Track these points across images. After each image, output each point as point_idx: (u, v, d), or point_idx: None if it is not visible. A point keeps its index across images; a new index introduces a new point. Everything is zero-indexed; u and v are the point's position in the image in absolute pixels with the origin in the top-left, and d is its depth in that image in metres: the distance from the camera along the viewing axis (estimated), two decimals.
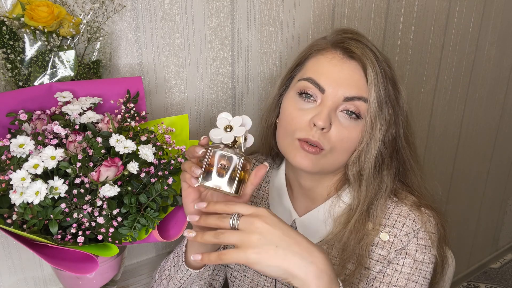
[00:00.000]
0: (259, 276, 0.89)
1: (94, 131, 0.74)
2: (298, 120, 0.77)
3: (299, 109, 0.78)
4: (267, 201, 0.92)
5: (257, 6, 1.08)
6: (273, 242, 0.61)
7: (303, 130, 0.76)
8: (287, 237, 0.62)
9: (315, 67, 0.79)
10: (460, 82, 1.74)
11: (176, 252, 0.83)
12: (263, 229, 0.61)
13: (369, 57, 0.76)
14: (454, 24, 1.58)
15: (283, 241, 0.61)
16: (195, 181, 0.68)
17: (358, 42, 0.78)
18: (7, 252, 0.93)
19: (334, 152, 0.77)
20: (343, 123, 0.76)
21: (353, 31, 0.82)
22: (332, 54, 0.78)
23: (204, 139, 0.71)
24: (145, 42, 0.95)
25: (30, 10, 0.75)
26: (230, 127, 0.70)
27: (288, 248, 0.61)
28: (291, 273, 0.61)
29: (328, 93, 0.76)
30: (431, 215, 0.82)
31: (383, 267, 0.79)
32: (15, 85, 0.79)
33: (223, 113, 0.71)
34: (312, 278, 0.61)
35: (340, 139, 0.76)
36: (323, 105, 0.76)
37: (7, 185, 0.66)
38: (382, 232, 0.80)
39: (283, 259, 0.60)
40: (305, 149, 0.76)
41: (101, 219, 0.68)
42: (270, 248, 0.61)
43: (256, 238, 0.61)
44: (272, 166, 0.95)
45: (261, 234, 0.61)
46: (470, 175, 2.03)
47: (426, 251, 0.79)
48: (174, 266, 0.81)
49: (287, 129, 0.79)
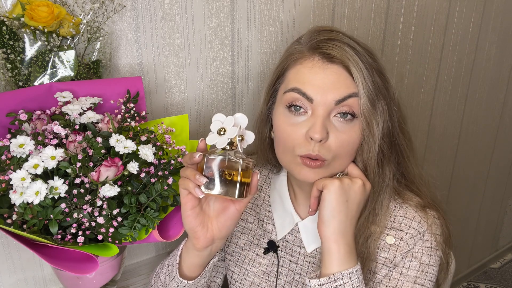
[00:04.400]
0: (260, 279, 0.89)
1: (94, 131, 0.74)
2: (293, 137, 0.75)
3: (291, 125, 0.75)
4: (268, 203, 0.91)
5: (257, 6, 1.08)
6: None
7: (302, 146, 0.74)
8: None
9: (297, 77, 0.76)
10: (460, 82, 1.74)
11: (171, 260, 0.81)
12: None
13: (349, 55, 0.73)
14: (454, 24, 1.58)
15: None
16: (200, 192, 0.65)
17: (335, 42, 0.75)
18: (7, 252, 0.93)
19: (338, 159, 0.76)
20: (339, 128, 0.74)
21: (326, 30, 0.78)
22: (311, 62, 0.75)
23: (202, 142, 0.69)
24: (145, 42, 0.95)
25: (30, 10, 0.75)
26: (223, 129, 0.66)
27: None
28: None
29: (317, 101, 0.73)
30: (436, 216, 0.81)
31: (389, 271, 0.79)
32: (15, 85, 0.79)
33: (216, 115, 0.68)
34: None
35: (340, 145, 0.74)
36: (315, 115, 0.73)
37: (7, 185, 0.66)
38: (388, 235, 0.80)
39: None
40: (308, 164, 0.74)
41: (101, 219, 0.68)
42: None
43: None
44: (272, 171, 0.94)
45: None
46: (470, 175, 2.03)
47: (432, 253, 0.78)
48: (169, 274, 0.80)
49: (286, 146, 0.77)
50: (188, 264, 0.77)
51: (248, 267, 0.90)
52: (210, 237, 0.73)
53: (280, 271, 0.88)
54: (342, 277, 0.71)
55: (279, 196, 0.89)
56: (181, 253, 0.78)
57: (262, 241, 0.90)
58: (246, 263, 0.91)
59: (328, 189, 0.73)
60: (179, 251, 0.79)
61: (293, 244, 0.87)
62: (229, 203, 0.72)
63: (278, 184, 0.90)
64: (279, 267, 0.88)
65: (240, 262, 0.91)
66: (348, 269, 0.71)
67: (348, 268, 0.71)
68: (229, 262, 0.93)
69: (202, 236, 0.72)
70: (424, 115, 1.66)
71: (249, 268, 0.90)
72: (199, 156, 0.66)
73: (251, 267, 0.90)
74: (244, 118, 0.68)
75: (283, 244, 0.88)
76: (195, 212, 0.70)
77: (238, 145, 0.67)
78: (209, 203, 0.73)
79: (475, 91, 1.83)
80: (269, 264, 0.89)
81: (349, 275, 0.71)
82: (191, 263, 0.77)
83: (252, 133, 0.69)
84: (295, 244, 0.87)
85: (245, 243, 0.91)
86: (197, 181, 0.65)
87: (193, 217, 0.70)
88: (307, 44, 0.77)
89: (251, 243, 0.91)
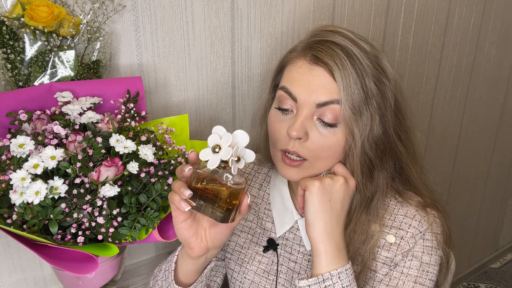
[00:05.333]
0: (260, 278, 0.89)
1: (94, 131, 0.74)
2: (277, 133, 0.77)
3: (278, 121, 0.78)
4: (268, 201, 0.92)
5: (257, 6, 1.08)
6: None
7: (282, 141, 0.76)
8: None
9: (288, 76, 0.78)
10: (460, 82, 1.74)
11: (167, 265, 0.80)
12: None
13: (337, 59, 0.72)
14: (454, 24, 1.58)
15: None
16: (185, 205, 0.63)
17: (329, 44, 0.74)
18: (7, 252, 0.93)
19: (319, 160, 0.76)
20: (321, 131, 0.75)
21: (327, 30, 0.78)
22: (301, 62, 0.76)
23: (192, 153, 0.67)
24: (145, 42, 0.95)
25: (30, 10, 0.75)
26: (218, 147, 0.62)
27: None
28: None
29: (301, 101, 0.74)
30: (437, 216, 0.81)
31: (390, 270, 0.79)
32: (15, 85, 0.79)
33: (216, 127, 0.63)
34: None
35: (320, 147, 0.75)
36: (298, 114, 0.75)
37: (7, 185, 0.66)
38: (389, 234, 0.80)
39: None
40: (287, 163, 0.76)
41: (101, 219, 0.68)
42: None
43: None
44: (272, 167, 0.95)
45: None
46: (470, 175, 2.03)
47: (433, 252, 0.79)
48: (165, 280, 0.80)
49: (272, 141, 0.80)
50: (184, 271, 0.77)
51: (248, 266, 0.90)
52: (204, 247, 0.71)
53: (280, 270, 0.88)
54: (331, 277, 0.71)
55: (279, 193, 0.90)
56: (176, 259, 0.78)
57: (261, 240, 0.90)
58: (246, 261, 0.91)
59: (309, 190, 0.73)
60: (174, 257, 0.78)
61: (292, 242, 0.87)
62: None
63: (278, 182, 0.91)
64: (279, 266, 0.88)
65: (240, 260, 0.92)
66: (337, 268, 0.71)
67: (337, 268, 0.71)
68: (229, 261, 0.93)
69: (196, 246, 0.71)
70: (424, 115, 1.66)
71: (249, 266, 0.90)
72: (188, 171, 0.65)
73: (251, 265, 0.90)
74: (244, 136, 0.64)
75: (283, 242, 0.88)
76: (187, 224, 0.69)
77: (231, 167, 0.62)
78: (204, 221, 0.71)
79: (475, 91, 1.83)
80: (269, 262, 0.89)
81: (338, 275, 0.71)
82: (187, 270, 0.77)
83: (252, 153, 0.66)
84: (295, 242, 0.87)
85: (245, 241, 0.92)
86: (181, 195, 0.63)
87: (185, 229, 0.69)
88: (304, 43, 0.79)
89: (251, 242, 0.91)
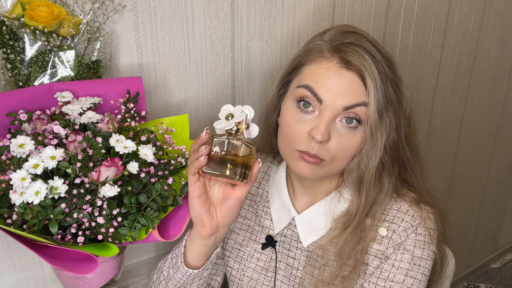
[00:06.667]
0: (258, 275, 0.90)
1: (94, 131, 0.74)
2: (297, 133, 0.76)
3: (297, 121, 0.77)
4: (266, 199, 0.92)
5: (257, 6, 1.08)
6: None
7: (302, 143, 0.76)
8: None
9: (312, 76, 0.76)
10: (460, 82, 1.74)
11: (174, 253, 0.82)
12: None
13: (367, 64, 0.73)
14: (454, 24, 1.58)
15: None
16: (204, 158, 0.67)
17: (356, 48, 0.75)
18: (7, 252, 0.93)
19: (335, 161, 0.77)
20: (342, 133, 0.75)
21: (351, 31, 0.78)
22: (328, 64, 0.75)
23: (207, 130, 0.70)
24: (145, 42, 0.95)
25: (30, 10, 0.75)
26: (231, 115, 0.69)
27: None
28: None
29: (326, 103, 0.74)
30: (431, 212, 0.81)
31: (381, 263, 0.79)
32: (15, 85, 0.79)
33: (225, 105, 0.71)
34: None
35: (340, 149, 0.76)
36: (321, 117, 0.74)
37: (7, 185, 0.66)
38: (380, 227, 0.80)
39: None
40: (306, 159, 0.76)
41: (101, 219, 0.68)
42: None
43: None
44: (272, 162, 0.95)
45: None
46: (470, 175, 2.03)
47: (425, 247, 0.79)
48: (172, 267, 0.81)
49: (287, 139, 0.78)
50: (193, 253, 0.78)
51: (246, 263, 0.91)
52: (215, 225, 0.75)
53: (279, 266, 0.88)
54: None
55: (277, 190, 0.90)
56: (185, 243, 0.79)
57: (260, 237, 0.91)
58: (244, 259, 0.92)
59: None
60: (183, 241, 0.80)
61: (290, 239, 0.87)
62: (230, 192, 0.73)
63: (276, 179, 0.91)
64: (277, 262, 0.88)
65: (239, 258, 0.92)
66: None
67: None
68: (228, 259, 0.94)
69: (208, 223, 0.74)
70: (424, 115, 1.66)
71: (248, 264, 0.91)
72: (205, 135, 0.68)
73: (249, 263, 0.91)
74: (251, 110, 0.70)
75: (281, 239, 0.88)
76: (202, 200, 0.72)
77: (244, 131, 0.69)
78: (213, 192, 0.74)
79: (475, 91, 1.83)
80: (267, 259, 0.90)
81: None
82: (196, 252, 0.78)
83: (256, 127, 0.71)
84: (293, 238, 0.87)
85: (244, 239, 0.92)
86: (198, 155, 0.67)
87: (200, 204, 0.72)
88: (328, 43, 0.77)
89: (249, 239, 0.92)
